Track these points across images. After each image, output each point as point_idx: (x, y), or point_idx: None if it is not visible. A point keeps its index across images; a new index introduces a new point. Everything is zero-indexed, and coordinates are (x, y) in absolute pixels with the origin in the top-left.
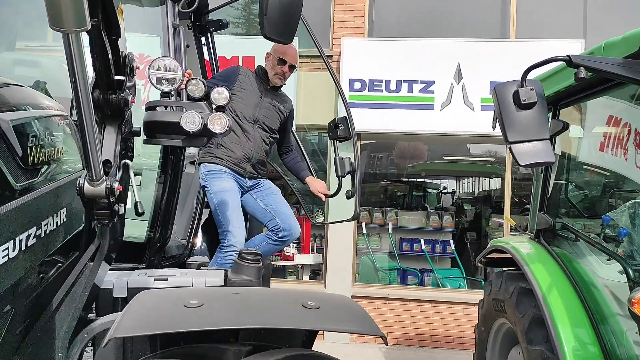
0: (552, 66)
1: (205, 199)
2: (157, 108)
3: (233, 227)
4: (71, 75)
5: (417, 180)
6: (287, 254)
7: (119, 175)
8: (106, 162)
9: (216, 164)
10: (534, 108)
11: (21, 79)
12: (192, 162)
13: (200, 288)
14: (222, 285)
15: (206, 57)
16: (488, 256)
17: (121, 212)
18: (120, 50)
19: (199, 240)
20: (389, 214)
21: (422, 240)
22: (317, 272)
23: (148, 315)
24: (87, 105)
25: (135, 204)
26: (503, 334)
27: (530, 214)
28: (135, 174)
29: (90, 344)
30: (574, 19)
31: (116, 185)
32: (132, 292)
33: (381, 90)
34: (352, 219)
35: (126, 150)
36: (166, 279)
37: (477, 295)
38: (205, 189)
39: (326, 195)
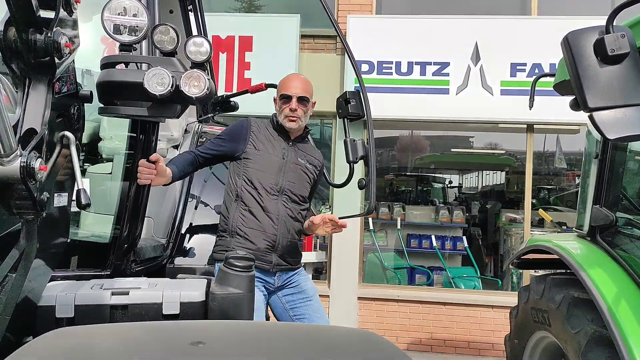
0: None
1: (190, 191)
2: (115, 66)
3: None
4: None
5: (426, 173)
6: None
7: (55, 152)
8: (31, 132)
9: None
10: (624, 62)
11: None
12: (176, 147)
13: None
14: (202, 301)
15: (193, 27)
16: (522, 257)
17: (62, 203)
18: None
19: (183, 239)
20: (396, 208)
21: (432, 237)
22: (320, 271)
23: None
24: None
25: (77, 192)
26: (543, 348)
27: (579, 208)
28: (107, 160)
29: None
30: None
31: (37, 163)
32: (81, 310)
33: (391, 73)
34: (367, 214)
35: (67, 120)
36: (127, 293)
37: (494, 297)
38: None
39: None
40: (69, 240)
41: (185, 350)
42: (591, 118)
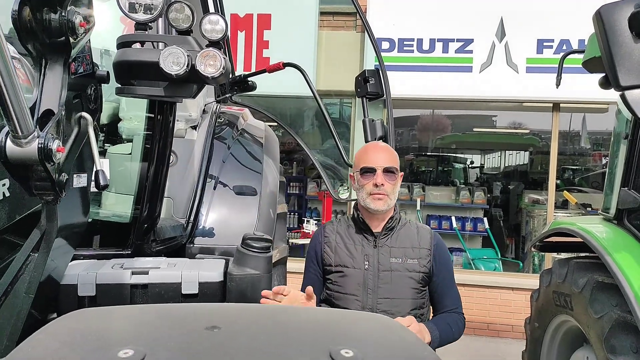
0: None
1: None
2: (131, 45)
3: None
4: None
5: (447, 153)
6: (307, 231)
7: (73, 133)
8: (48, 114)
9: None
10: None
11: None
12: (194, 127)
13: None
14: (220, 281)
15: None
16: (545, 240)
17: (82, 184)
18: None
19: (202, 219)
20: (416, 189)
21: (453, 218)
22: None
23: None
24: None
25: (96, 173)
26: (564, 332)
27: (606, 190)
28: (127, 141)
29: None
30: None
31: (55, 145)
32: (102, 289)
33: (412, 51)
34: None
35: (84, 100)
36: (147, 273)
37: (515, 279)
38: None
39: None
40: (89, 220)
41: (201, 335)
42: (623, 97)
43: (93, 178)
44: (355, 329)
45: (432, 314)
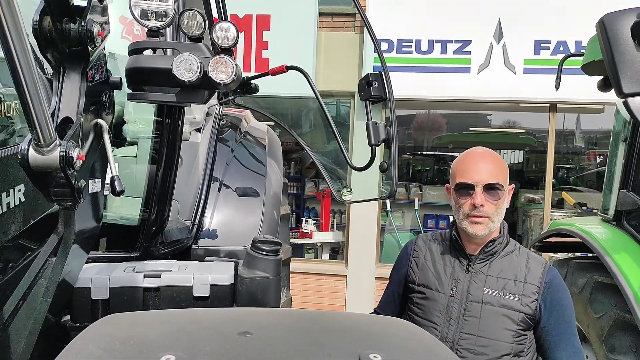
0: None
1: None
2: (143, 52)
3: None
4: None
5: (444, 153)
6: (306, 231)
7: (89, 140)
8: (66, 121)
9: None
10: None
11: None
12: (198, 130)
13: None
14: (231, 284)
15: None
16: (544, 240)
17: (96, 189)
18: None
19: (207, 221)
20: (413, 189)
21: (450, 217)
22: (337, 251)
23: None
24: (17, 32)
25: (112, 179)
26: None
27: (605, 191)
28: (131, 144)
29: None
30: None
31: (76, 152)
32: (116, 292)
33: (411, 52)
34: (388, 197)
35: (99, 107)
36: (159, 276)
37: None
38: None
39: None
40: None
41: (233, 340)
42: (625, 104)
43: (108, 183)
44: (382, 333)
45: None
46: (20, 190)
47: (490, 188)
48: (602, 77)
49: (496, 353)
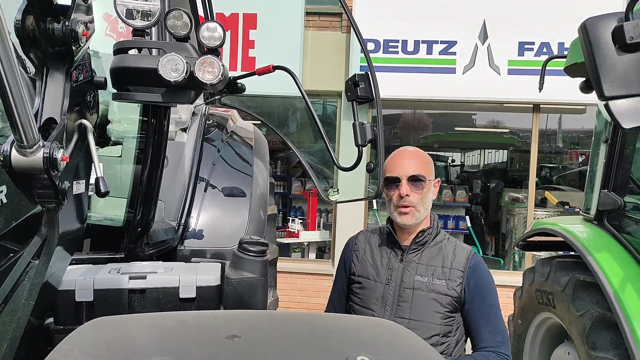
0: None
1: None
2: (128, 52)
3: None
4: None
5: (429, 152)
6: (292, 230)
7: (73, 141)
8: (50, 122)
9: None
10: None
11: None
12: (184, 129)
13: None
14: (217, 285)
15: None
16: (528, 240)
17: (80, 190)
18: None
19: (193, 221)
20: None
21: (436, 216)
22: (323, 250)
23: None
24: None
25: (96, 180)
26: (546, 329)
27: (586, 191)
28: (115, 143)
29: None
30: None
31: (60, 154)
32: (100, 294)
33: (397, 52)
34: (375, 197)
35: (83, 107)
36: (145, 277)
37: (496, 277)
38: None
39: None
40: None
41: (221, 344)
42: (607, 107)
43: (93, 184)
44: (369, 334)
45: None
46: (2, 192)
47: (414, 179)
48: (584, 79)
49: (426, 334)
